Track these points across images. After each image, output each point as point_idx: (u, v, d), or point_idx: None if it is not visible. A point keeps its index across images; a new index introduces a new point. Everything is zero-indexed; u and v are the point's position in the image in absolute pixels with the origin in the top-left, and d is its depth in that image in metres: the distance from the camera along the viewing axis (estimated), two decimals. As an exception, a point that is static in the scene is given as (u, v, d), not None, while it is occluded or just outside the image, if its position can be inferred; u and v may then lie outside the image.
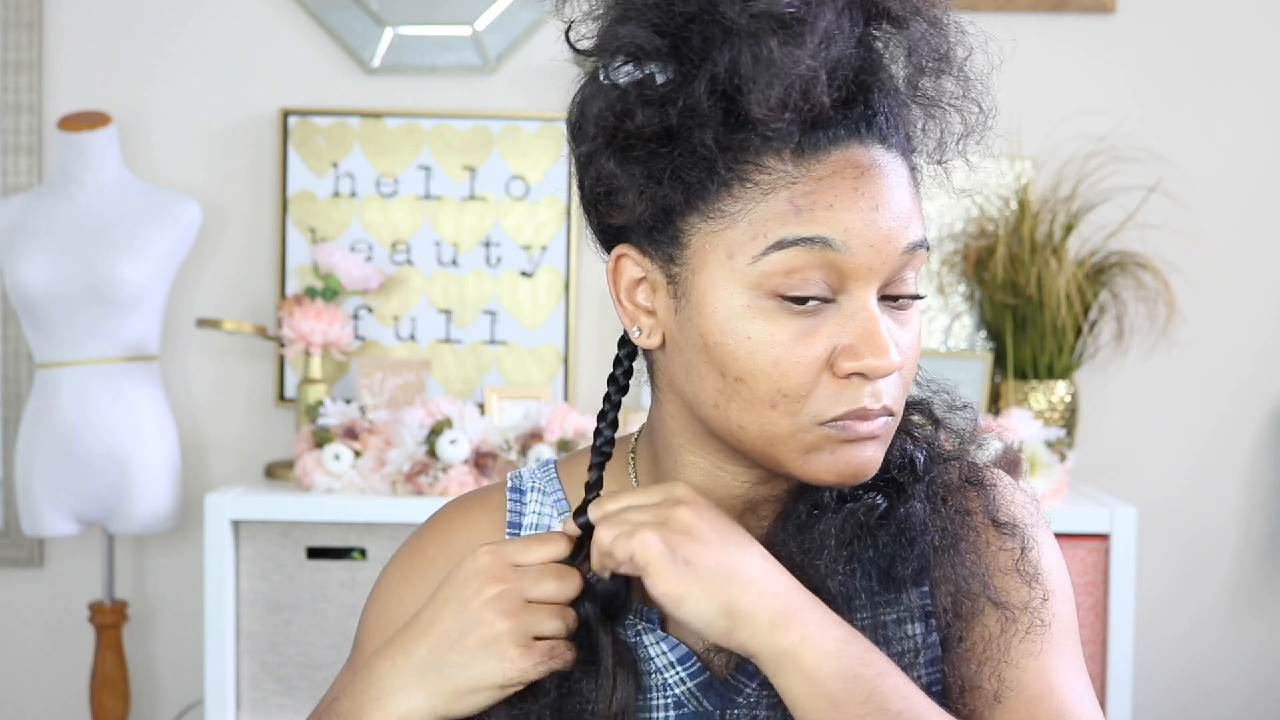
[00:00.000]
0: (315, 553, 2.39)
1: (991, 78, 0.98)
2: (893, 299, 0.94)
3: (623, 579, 0.98)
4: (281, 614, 2.39)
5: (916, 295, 0.95)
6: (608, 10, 0.95)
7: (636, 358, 1.05)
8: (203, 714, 2.45)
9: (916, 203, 0.95)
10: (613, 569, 0.95)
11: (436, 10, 2.81)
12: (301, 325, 2.61)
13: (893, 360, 0.92)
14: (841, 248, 0.90)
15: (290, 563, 2.39)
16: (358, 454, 2.44)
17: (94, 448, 2.55)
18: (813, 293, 0.91)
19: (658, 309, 0.97)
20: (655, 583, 0.91)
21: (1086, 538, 2.37)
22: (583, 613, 0.98)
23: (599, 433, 1.04)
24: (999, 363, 2.72)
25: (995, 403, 2.71)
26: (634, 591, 1.01)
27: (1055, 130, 2.74)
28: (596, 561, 0.96)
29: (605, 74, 0.95)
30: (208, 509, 2.35)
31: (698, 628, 0.91)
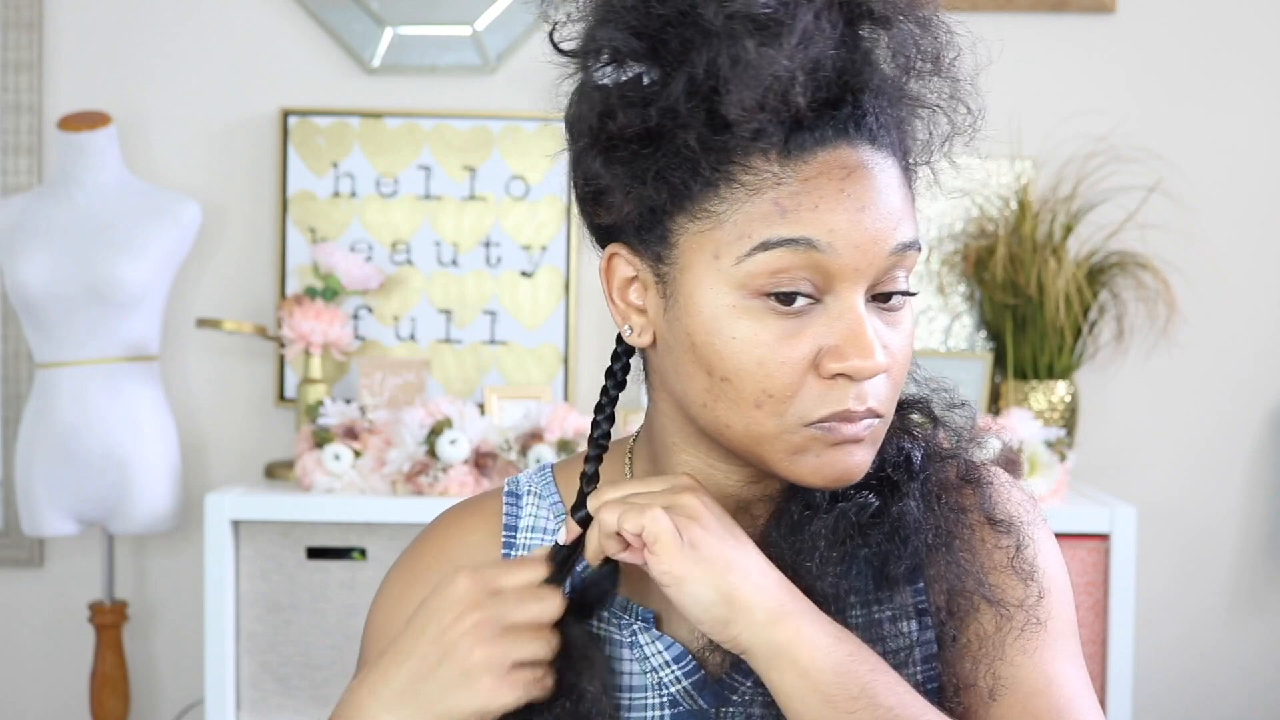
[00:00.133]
0: (315, 553, 2.39)
1: (980, 78, 0.98)
2: (884, 298, 0.94)
3: (610, 570, 0.97)
4: (281, 614, 2.39)
5: (907, 292, 0.95)
6: (590, 12, 0.95)
7: (634, 354, 1.05)
8: (203, 714, 2.45)
9: (908, 204, 0.95)
10: (613, 553, 0.95)
11: (436, 10, 2.81)
12: (301, 325, 2.61)
13: (878, 362, 0.91)
14: (826, 249, 0.90)
15: (290, 563, 2.39)
16: (358, 454, 2.44)
17: (94, 448, 2.55)
18: (799, 293, 0.91)
19: (648, 308, 0.98)
20: (660, 560, 0.91)
21: (1086, 538, 2.37)
22: (570, 633, 0.96)
23: (596, 425, 1.04)
24: (999, 363, 2.72)
25: (995, 403, 2.71)
26: (632, 590, 1.01)
27: (1055, 130, 2.74)
28: (594, 549, 0.96)
29: (588, 75, 0.95)
30: (208, 509, 2.35)
31: (694, 614, 0.91)
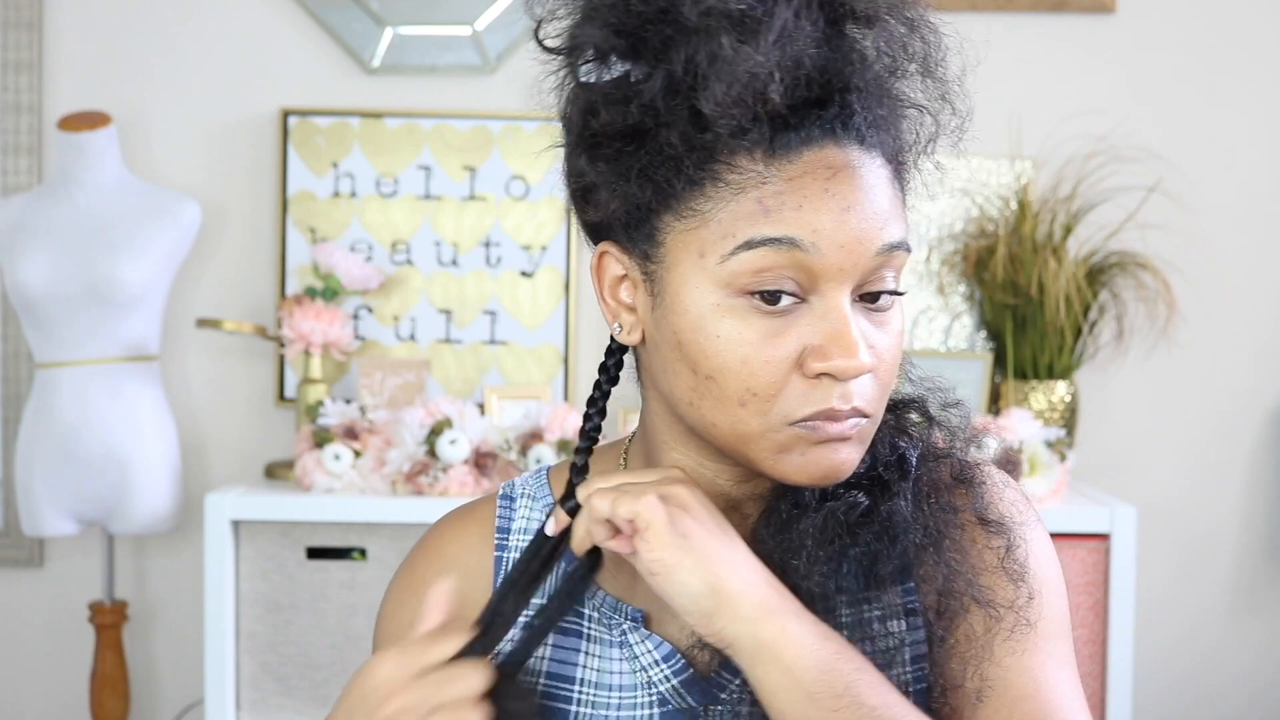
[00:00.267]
0: (315, 553, 2.39)
1: (969, 78, 0.98)
2: (871, 299, 0.94)
3: (592, 558, 0.97)
4: (281, 614, 2.39)
5: (895, 291, 0.95)
6: (574, 10, 0.96)
7: (627, 351, 1.05)
8: (203, 714, 2.45)
9: (897, 204, 0.95)
10: (600, 540, 0.95)
11: (436, 10, 2.81)
12: (301, 325, 2.61)
13: (862, 361, 0.91)
14: (810, 248, 0.90)
15: (290, 563, 2.39)
16: (358, 454, 2.44)
17: (94, 448, 2.55)
18: (783, 292, 0.91)
19: (638, 306, 0.98)
20: (650, 547, 0.91)
21: (1086, 538, 2.37)
22: (507, 705, 0.93)
23: (587, 419, 1.05)
24: (999, 363, 2.72)
25: (995, 403, 2.71)
26: (622, 590, 1.01)
27: (1055, 130, 2.73)
28: (580, 537, 0.96)
29: (574, 73, 0.96)
30: (208, 509, 2.35)
31: (680, 604, 0.92)
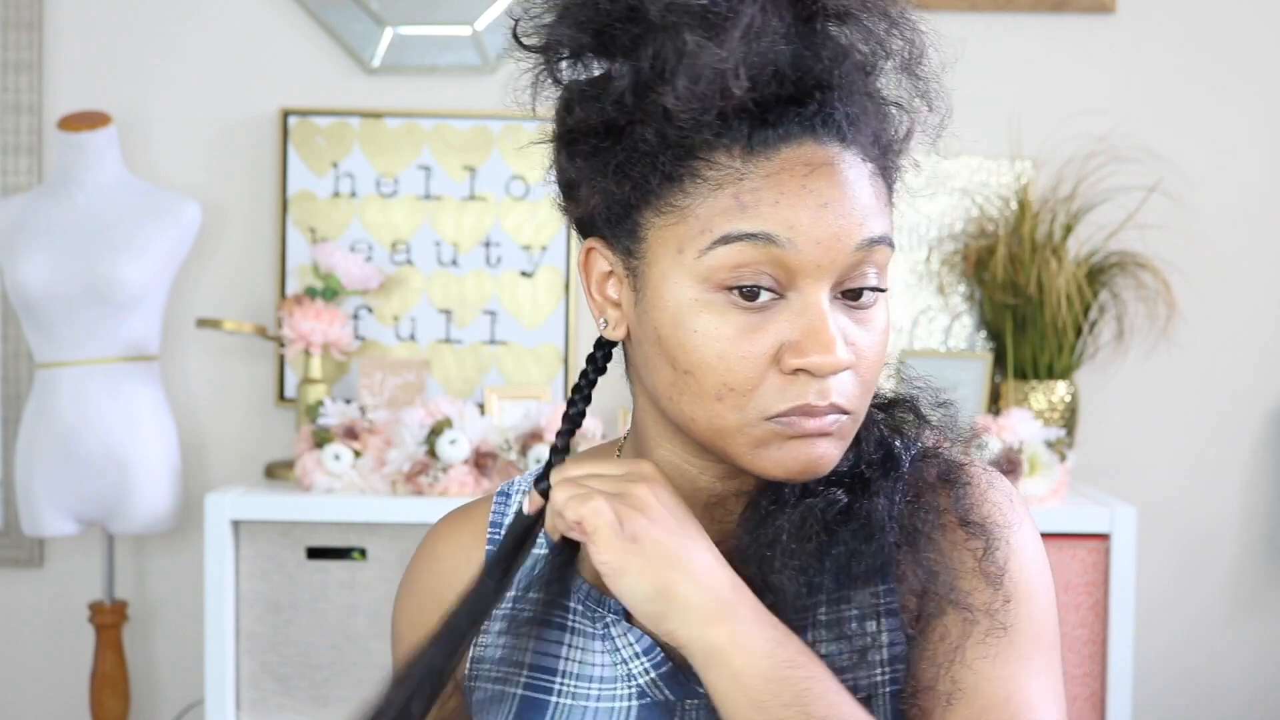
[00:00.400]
0: (315, 553, 2.39)
1: (957, 77, 0.98)
2: (854, 295, 0.94)
3: (570, 544, 0.99)
4: (281, 614, 2.39)
5: (877, 288, 0.95)
6: (550, 8, 0.97)
7: (616, 345, 1.06)
8: (203, 714, 2.45)
9: (880, 200, 0.95)
10: (563, 531, 0.96)
11: (436, 10, 2.81)
12: (301, 325, 2.61)
13: (839, 358, 0.91)
14: (786, 244, 0.91)
15: (290, 563, 2.39)
16: (358, 454, 2.44)
17: (94, 448, 2.55)
18: (760, 287, 0.91)
19: (622, 302, 0.99)
20: (597, 551, 0.92)
21: (1086, 538, 2.37)
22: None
23: (572, 403, 1.05)
24: (999, 363, 2.72)
25: (995, 403, 2.71)
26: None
27: (1055, 130, 2.73)
28: (549, 522, 0.97)
29: (549, 71, 0.97)
30: (208, 509, 2.35)
31: (631, 605, 0.92)
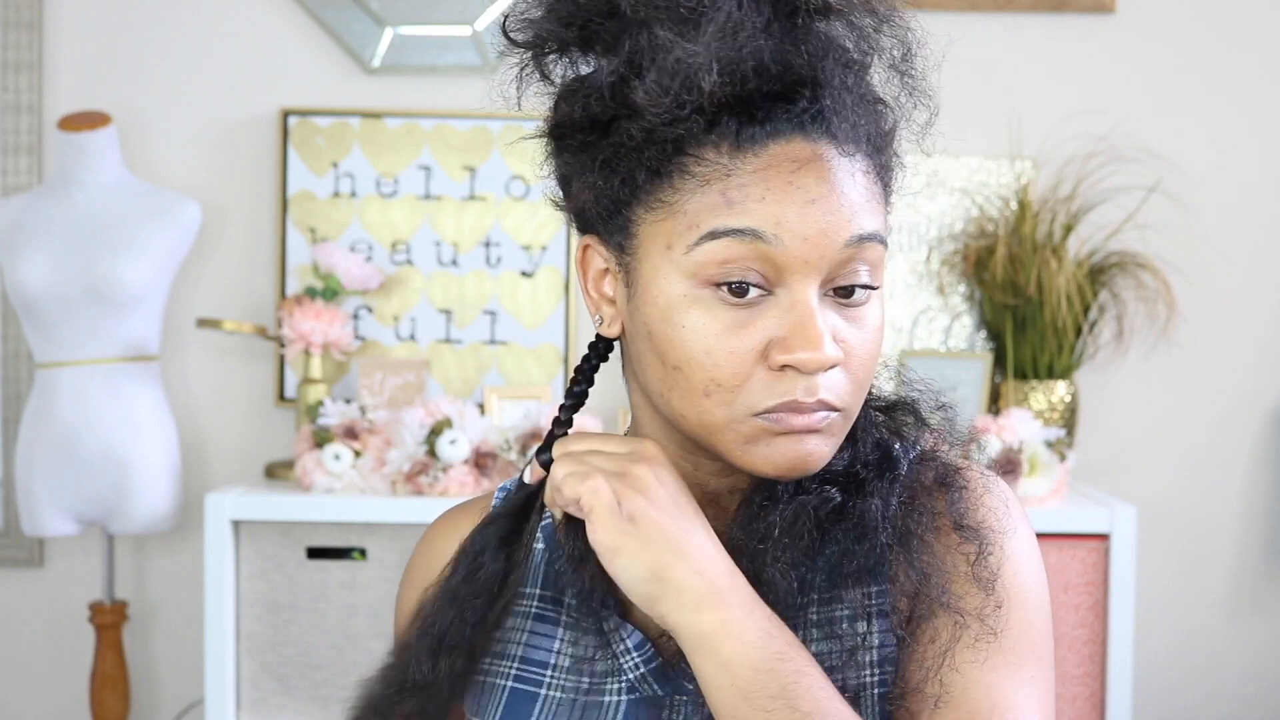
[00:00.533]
0: (315, 553, 2.39)
1: (935, 73, 0.98)
2: (845, 292, 0.94)
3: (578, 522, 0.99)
4: (281, 614, 2.39)
5: (868, 285, 0.94)
6: (536, 4, 0.97)
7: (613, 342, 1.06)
8: (203, 714, 2.45)
9: (872, 197, 0.94)
10: (561, 506, 0.96)
11: (436, 10, 2.81)
12: (301, 325, 2.61)
13: (825, 354, 0.91)
14: (773, 240, 0.91)
15: (290, 563, 2.39)
16: (358, 454, 2.44)
17: (94, 448, 2.55)
18: (748, 283, 0.92)
19: (617, 298, 0.99)
20: (594, 529, 0.92)
21: (1086, 538, 2.37)
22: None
23: (575, 381, 1.06)
24: (999, 363, 2.72)
25: (995, 403, 2.71)
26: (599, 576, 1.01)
27: (1055, 130, 2.74)
28: (548, 495, 0.97)
29: (537, 66, 0.98)
30: (208, 509, 2.35)
31: (625, 586, 0.92)
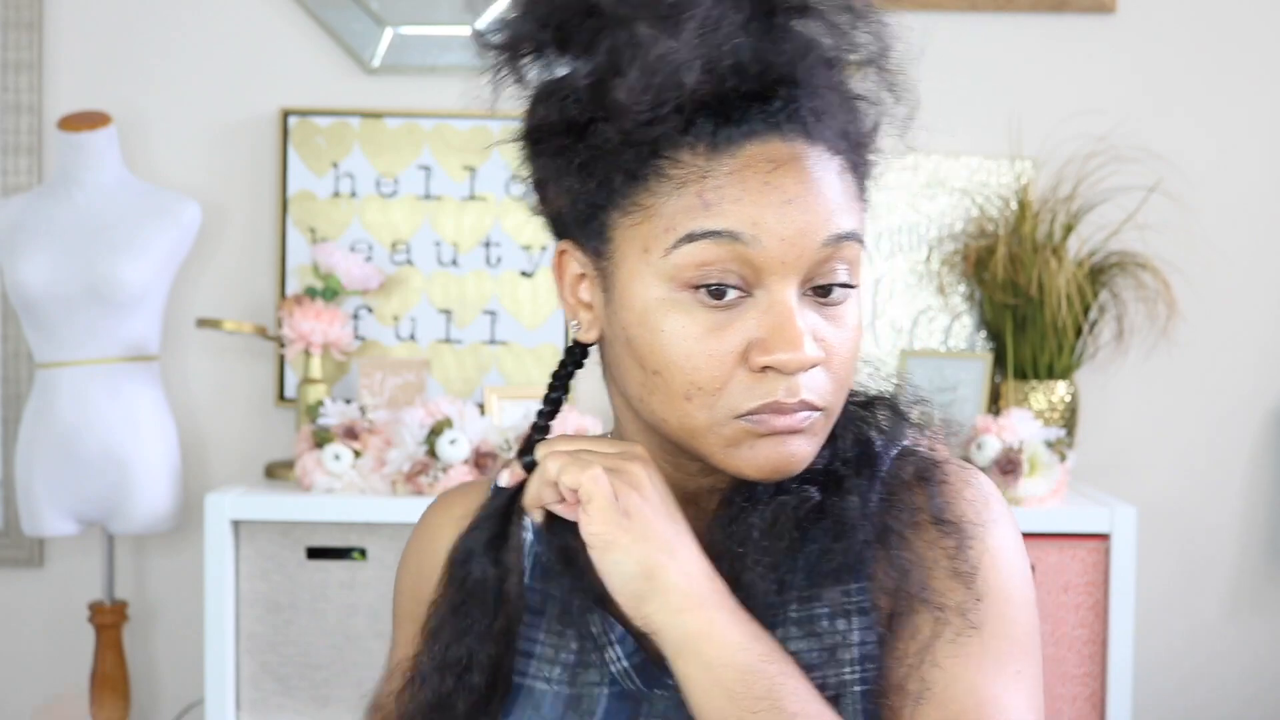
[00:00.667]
0: (315, 553, 2.39)
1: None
2: (823, 292, 0.94)
3: (567, 528, 0.97)
4: (281, 614, 2.39)
5: (846, 284, 0.94)
6: (511, 6, 0.97)
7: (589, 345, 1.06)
8: (203, 714, 2.45)
9: (849, 196, 0.94)
10: (549, 503, 0.95)
11: (436, 10, 2.80)
12: (301, 325, 2.61)
13: (806, 354, 0.91)
14: (751, 241, 0.90)
15: (290, 563, 2.39)
16: (358, 454, 2.44)
17: (94, 448, 2.55)
18: (726, 285, 0.91)
19: (594, 303, 0.99)
20: (590, 520, 0.92)
21: (1086, 538, 2.37)
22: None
23: (551, 388, 1.06)
24: (999, 363, 2.72)
25: (995, 403, 2.71)
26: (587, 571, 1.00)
27: (1055, 130, 2.73)
28: (533, 494, 0.97)
29: (513, 68, 0.97)
30: (208, 509, 2.35)
31: (613, 583, 0.92)
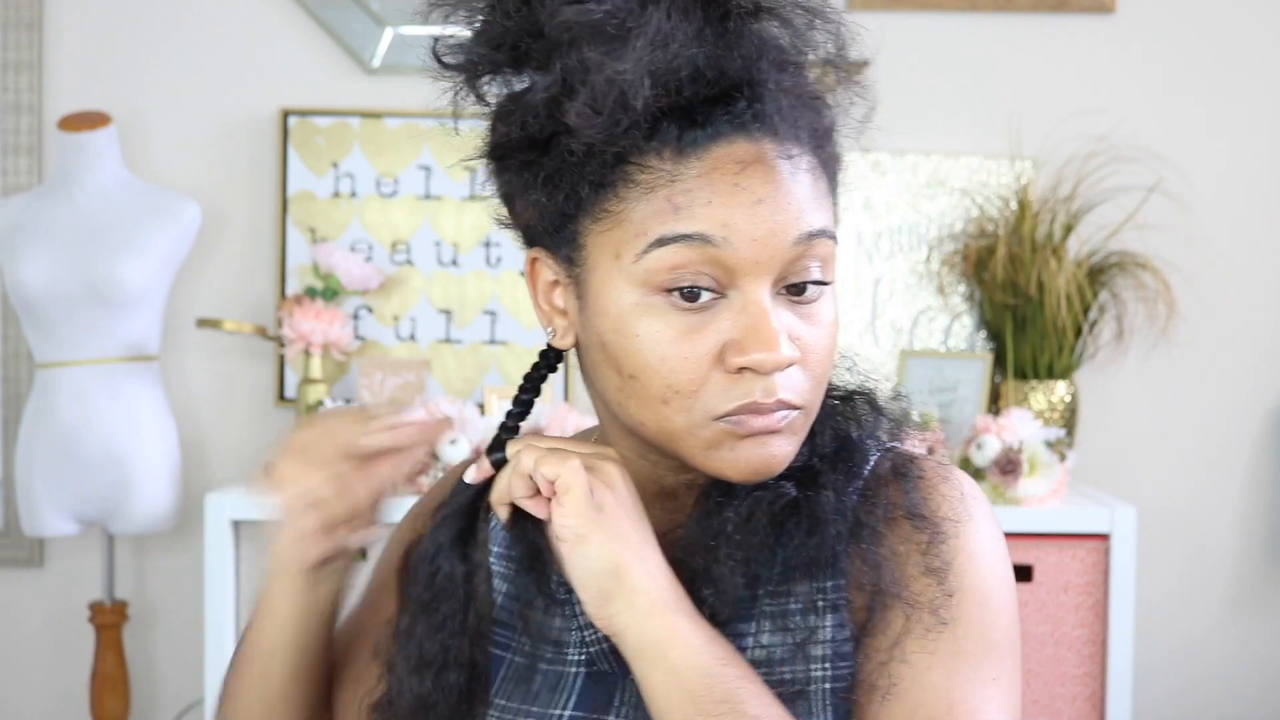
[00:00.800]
0: (315, 553, 2.39)
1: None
2: (797, 290, 0.93)
3: (536, 526, 0.97)
4: (281, 614, 2.39)
5: (820, 281, 0.94)
6: (469, 26, 0.98)
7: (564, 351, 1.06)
8: (203, 714, 2.45)
9: (819, 193, 0.94)
10: (519, 497, 0.95)
11: (436, 10, 2.80)
12: (301, 325, 2.61)
13: (782, 354, 0.91)
14: (722, 243, 0.90)
15: (290, 563, 2.39)
16: (358, 454, 2.44)
17: (94, 448, 2.55)
18: (699, 287, 0.91)
19: (568, 310, 0.99)
20: (565, 512, 0.92)
21: (1086, 538, 2.37)
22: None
23: (522, 389, 1.07)
24: (999, 363, 2.72)
25: (995, 403, 2.71)
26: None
27: (1055, 130, 2.73)
28: (502, 489, 0.96)
29: (471, 88, 0.99)
30: (208, 509, 2.35)
31: (580, 578, 0.92)
